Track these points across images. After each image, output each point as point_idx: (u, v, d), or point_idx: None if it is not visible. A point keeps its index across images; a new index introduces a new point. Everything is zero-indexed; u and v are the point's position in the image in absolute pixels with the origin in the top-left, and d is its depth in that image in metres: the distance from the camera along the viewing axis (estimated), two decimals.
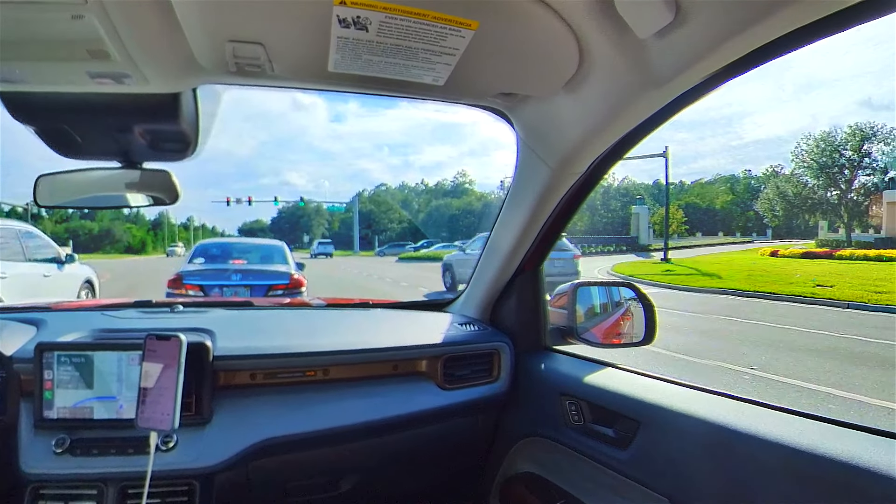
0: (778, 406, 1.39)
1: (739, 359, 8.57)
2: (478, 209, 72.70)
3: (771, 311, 13.95)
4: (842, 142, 40.21)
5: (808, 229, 47.17)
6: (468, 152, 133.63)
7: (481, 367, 2.08)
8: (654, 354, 8.38)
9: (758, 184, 66.27)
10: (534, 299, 2.15)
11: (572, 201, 1.86)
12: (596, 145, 1.59)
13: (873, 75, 61.38)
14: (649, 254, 39.15)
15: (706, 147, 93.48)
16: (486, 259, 2.19)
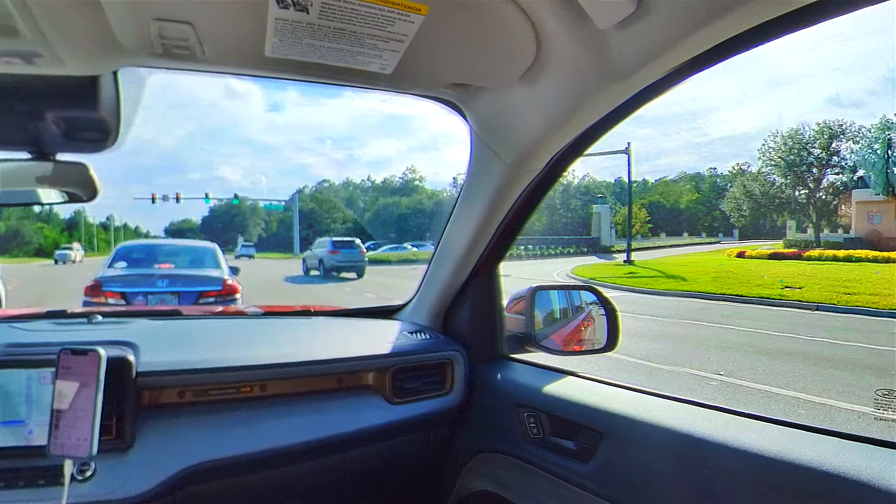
0: (747, 413, 1.43)
1: (706, 364, 8.80)
2: (428, 208, 72.66)
3: (738, 314, 14.36)
4: (810, 139, 41.63)
5: (775, 229, 48.66)
6: (418, 147, 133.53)
7: (433, 378, 2.08)
8: (617, 361, 8.53)
9: (724, 182, 67.97)
10: (489, 305, 2.16)
11: (530, 200, 1.87)
12: (554, 141, 1.60)
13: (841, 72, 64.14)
14: (611, 255, 39.75)
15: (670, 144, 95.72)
16: (437, 262, 2.19)
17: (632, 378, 7.85)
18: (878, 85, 62.70)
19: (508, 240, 2.03)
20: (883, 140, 36.89)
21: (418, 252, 40.14)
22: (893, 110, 59.19)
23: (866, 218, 34.95)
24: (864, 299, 15.68)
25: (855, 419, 6.46)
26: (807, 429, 1.31)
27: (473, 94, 1.63)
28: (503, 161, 1.74)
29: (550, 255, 40.19)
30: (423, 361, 2.06)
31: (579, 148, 1.64)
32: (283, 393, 1.86)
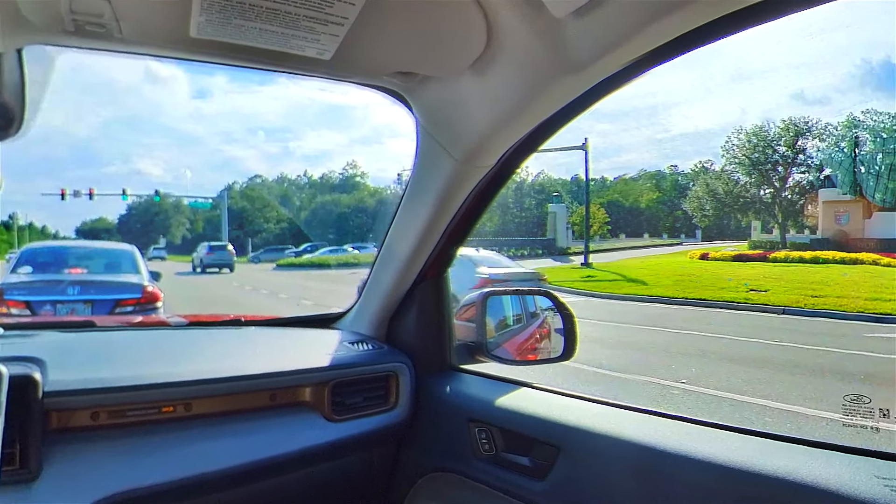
0: (711, 422, 1.46)
1: (668, 372, 8.99)
2: (371, 207, 72.22)
3: (702, 319, 14.72)
4: (775, 137, 42.86)
5: (740, 230, 49.90)
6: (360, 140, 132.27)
7: (376, 392, 2.07)
8: (574, 371, 8.64)
9: (686, 181, 69.20)
10: (437, 312, 2.16)
11: (480, 198, 1.88)
12: (507, 135, 1.62)
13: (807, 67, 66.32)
14: (568, 258, 40.18)
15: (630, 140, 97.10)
16: (380, 266, 2.18)
17: (590, 388, 7.96)
18: (844, 81, 65.06)
19: (458, 241, 2.04)
20: (850, 138, 38.29)
21: (360, 255, 39.89)
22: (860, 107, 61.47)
23: (833, 218, 36.22)
24: (831, 302, 16.27)
25: (823, 426, 6.69)
26: (774, 437, 1.35)
27: (420, 83, 1.63)
28: (452, 156, 1.74)
29: None
30: (365, 374, 2.05)
31: (533, 143, 1.66)
32: (211, 412, 1.81)
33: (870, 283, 19.41)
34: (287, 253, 49.28)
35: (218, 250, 36.01)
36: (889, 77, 58.44)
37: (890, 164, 35.65)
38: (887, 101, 72.30)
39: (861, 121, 39.30)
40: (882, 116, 39.24)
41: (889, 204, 35.98)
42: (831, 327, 13.50)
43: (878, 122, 38.90)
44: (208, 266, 34.75)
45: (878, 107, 46.71)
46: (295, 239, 66.00)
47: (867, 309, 15.34)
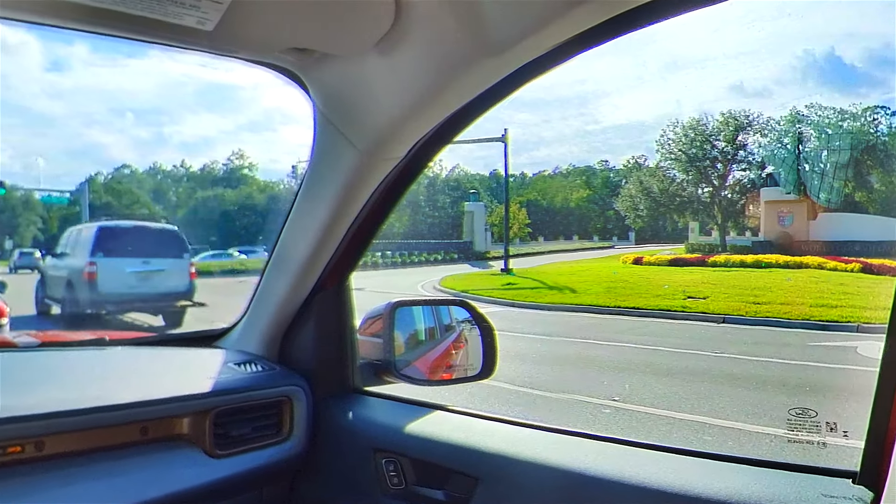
0: (646, 443, 1.51)
1: (599, 389, 9.20)
2: (261, 204, 70.99)
3: (636, 329, 15.12)
4: (713, 131, 44.40)
5: (676, 232, 51.47)
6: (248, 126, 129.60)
7: (267, 421, 2.04)
8: (495, 390, 8.73)
9: (618, 178, 70.76)
10: (338, 326, 2.16)
11: (388, 195, 1.89)
12: (418, 123, 1.63)
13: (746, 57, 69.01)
14: (487, 263, 40.57)
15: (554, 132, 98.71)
16: (271, 273, 2.16)
17: (512, 410, 8.07)
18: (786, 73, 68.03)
19: (362, 245, 2.04)
20: (793, 134, 40.12)
21: (247, 260, 39.14)
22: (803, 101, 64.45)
23: (776, 219, 37.87)
24: (774, 309, 17.00)
25: (767, 443, 6.99)
26: (715, 457, 1.40)
27: (318, 62, 1.62)
28: (355, 147, 1.74)
29: (413, 262, 40.51)
30: (254, 400, 2.01)
31: (448, 133, 1.67)
32: (68, 451, 1.72)
33: (815, 289, 20.34)
34: None
35: (26, 256, 36.02)
36: (834, 70, 61.57)
37: (835, 162, 37.57)
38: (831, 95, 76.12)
39: (805, 115, 41.21)
40: (827, 111, 41.34)
41: (835, 204, 37.88)
42: (775, 336, 14.12)
43: (823, 117, 40.96)
44: (19, 269, 34.83)
45: (822, 101, 48.96)
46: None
47: (813, 316, 16.08)
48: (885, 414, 1.22)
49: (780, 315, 16.32)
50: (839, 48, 62.23)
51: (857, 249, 31.21)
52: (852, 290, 19.82)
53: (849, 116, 40.69)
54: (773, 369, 10.56)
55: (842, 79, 59.66)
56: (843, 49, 66.89)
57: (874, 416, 1.24)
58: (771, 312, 16.71)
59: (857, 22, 54.49)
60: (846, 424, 5.99)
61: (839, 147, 37.70)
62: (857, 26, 53.11)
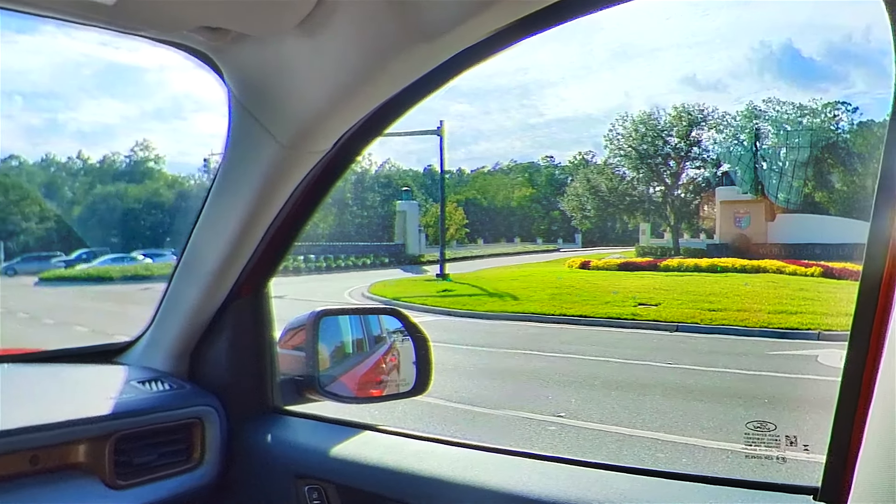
0: (594, 462, 1.52)
1: (544, 405, 9.29)
2: (169, 202, 69.93)
3: (583, 339, 15.31)
4: (666, 126, 45.27)
5: (626, 234, 52.28)
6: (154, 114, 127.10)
7: (175, 446, 2.00)
8: (429, 408, 8.75)
9: (563, 175, 71.41)
10: (256, 338, 2.13)
11: (312, 192, 1.88)
12: (346, 114, 1.62)
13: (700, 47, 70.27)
14: (421, 267, 40.61)
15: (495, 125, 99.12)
16: (181, 279, 2.12)
17: (450, 429, 8.09)
18: (741, 66, 69.66)
19: (283, 247, 2.02)
20: (750, 130, 41.11)
21: (154, 265, 38.55)
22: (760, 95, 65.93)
23: (732, 220, 38.72)
24: (731, 316, 17.39)
25: (723, 459, 7.14)
26: (668, 476, 1.42)
27: (233, 43, 1.60)
28: (275, 139, 1.72)
29: (340, 267, 40.31)
30: (161, 423, 1.97)
31: (378, 125, 1.67)
32: None
33: (773, 295, 20.86)
34: (55, 262, 46.74)
35: None
36: (792, 63, 63.30)
37: (794, 160, 38.61)
38: (789, 89, 78.25)
39: (762, 111, 42.33)
40: (785, 107, 42.49)
41: (794, 205, 38.93)
42: (731, 345, 14.45)
43: (782, 112, 42.08)
44: None
45: (780, 96, 50.24)
46: (65, 243, 62.70)
47: (771, 323, 16.50)
48: (847, 426, 1.25)
49: (736, 323, 16.71)
50: (797, 40, 64.06)
51: (818, 253, 32.06)
52: (812, 296, 20.38)
53: (808, 112, 41.88)
54: (729, 380, 10.81)
55: (800, 72, 61.42)
56: (802, 41, 68.89)
57: (836, 428, 1.27)
58: (727, 320, 17.10)
59: (815, 13, 56.23)
60: (807, 438, 6.16)
61: (798, 144, 38.73)
62: (816, 17, 54.87)
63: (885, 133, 1.22)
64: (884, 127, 1.26)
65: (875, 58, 51.77)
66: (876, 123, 41.68)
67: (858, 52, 54.67)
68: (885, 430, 1.18)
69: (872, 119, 43.19)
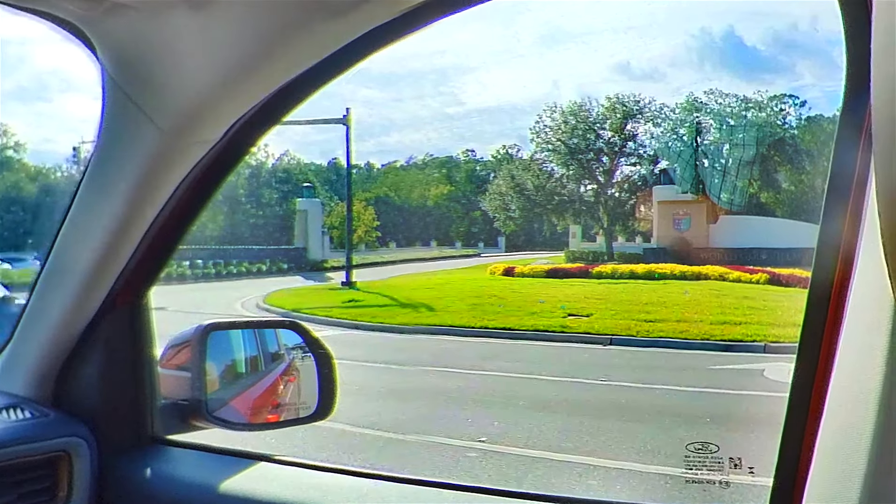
0: (520, 492, 1.54)
1: (463, 429, 9.33)
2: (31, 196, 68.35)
3: (507, 354, 15.44)
4: (598, 118, 45.97)
5: (555, 237, 52.95)
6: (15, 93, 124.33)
7: (37, 485, 1.94)
8: (334, 434, 8.71)
9: (485, 171, 71.85)
10: (133, 357, 2.09)
11: (199, 187, 1.85)
12: (239, 98, 1.61)
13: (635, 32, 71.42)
14: (325, 274, 40.49)
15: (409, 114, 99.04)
16: (44, 288, 2.06)
17: (356, 457, 8.07)
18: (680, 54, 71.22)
19: (165, 251, 1.99)
20: (690, 124, 42.02)
21: (12, 271, 37.59)
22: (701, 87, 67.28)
23: (671, 222, 39.48)
24: (669, 327, 17.75)
25: (662, 485, 7.27)
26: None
27: (108, 14, 1.56)
28: (156, 125, 1.70)
29: (232, 274, 39.94)
30: (20, 458, 1.91)
31: (276, 111, 1.66)
32: None
33: (716, 304, 21.36)
34: None
35: None
36: (735, 52, 64.93)
37: (739, 157, 39.53)
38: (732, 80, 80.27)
39: (704, 103, 43.33)
40: (729, 99, 43.53)
41: (738, 206, 39.86)
42: (670, 359, 14.75)
43: (724, 105, 43.11)
44: None
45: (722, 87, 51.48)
46: None
47: (713, 335, 16.90)
48: (795, 446, 1.28)
49: (676, 335, 17.08)
50: (740, 28, 65.79)
51: (764, 258, 32.96)
52: (758, 305, 20.91)
53: (753, 105, 43.02)
54: (668, 398, 11.03)
55: (743, 63, 63.07)
56: (745, 29, 70.71)
57: (783, 448, 1.30)
58: (665, 332, 17.45)
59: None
60: (752, 460, 6.31)
61: (743, 140, 39.67)
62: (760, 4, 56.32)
63: (836, 129, 1.26)
64: (834, 122, 1.29)
65: (823, 48, 53.47)
66: (825, 118, 43.04)
67: (805, 41, 56.39)
68: (837, 450, 1.21)
69: (822, 114, 44.63)
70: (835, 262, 1.24)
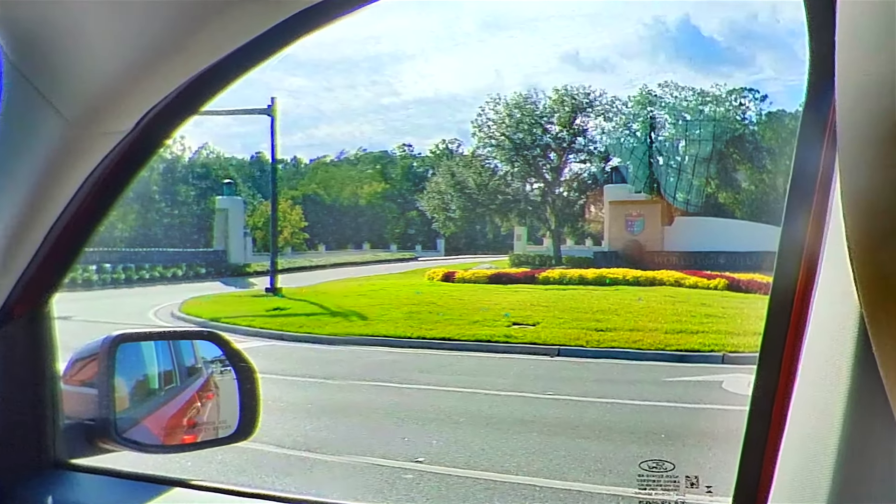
0: None
1: (399, 448, 9.32)
2: None
3: (446, 366, 15.47)
4: (545, 111, 46.21)
5: (498, 239, 53.21)
6: None
7: None
8: (256, 456, 8.65)
9: (423, 168, 71.97)
10: (33, 372, 2.05)
11: (108, 183, 1.83)
12: (152, 86, 1.59)
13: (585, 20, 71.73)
14: (247, 280, 40.26)
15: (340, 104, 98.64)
16: None
17: (281, 481, 8.02)
18: (632, 43, 71.81)
19: (70, 253, 1.95)
20: (644, 119, 42.42)
21: None
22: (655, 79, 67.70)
23: (623, 224, 39.82)
24: (622, 337, 17.89)
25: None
26: None
27: None
28: (61, 115, 1.67)
29: (144, 279, 39.59)
30: None
31: (193, 101, 1.65)
32: None
33: (672, 311, 21.58)
34: None
35: None
36: (691, 43, 65.71)
37: (695, 154, 39.99)
38: (687, 72, 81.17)
39: (658, 96, 43.78)
40: (685, 93, 44.01)
41: (695, 207, 40.31)
42: (623, 371, 14.87)
43: (680, 99, 43.59)
44: None
45: (678, 80, 52.00)
46: None
47: (669, 345, 17.07)
48: (756, 462, 1.30)
49: (628, 345, 17.21)
50: (696, 17, 66.60)
51: (722, 262, 33.39)
52: (716, 312, 21.18)
53: (711, 100, 43.57)
54: (620, 413, 11.12)
55: (700, 54, 63.91)
56: (701, 18, 71.62)
57: (743, 465, 1.31)
58: (617, 341, 17.57)
59: None
60: (710, 478, 6.38)
61: (700, 137, 40.11)
62: None
63: (798, 125, 1.27)
64: (796, 118, 1.31)
65: (784, 40, 54.32)
66: (788, 114, 43.73)
67: (765, 32, 57.25)
68: (799, 465, 1.22)
69: (784, 109, 45.35)
70: (797, 267, 1.26)
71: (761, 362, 1.31)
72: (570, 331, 18.71)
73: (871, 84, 0.54)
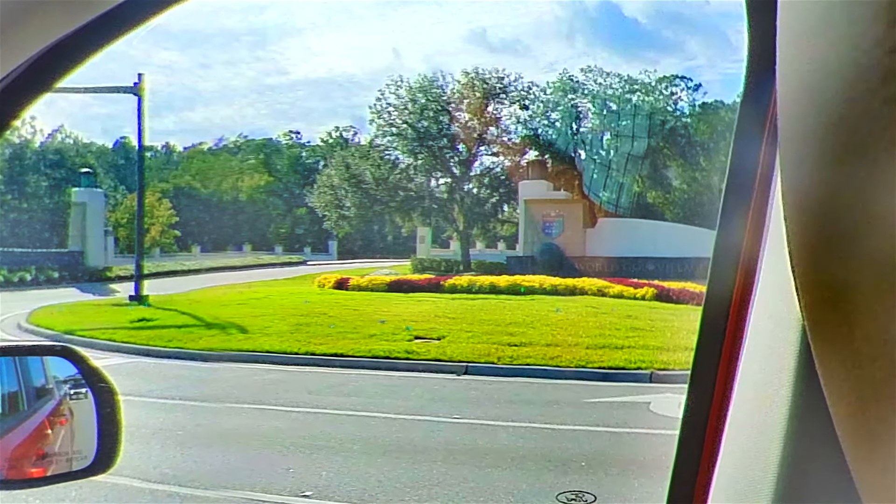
0: None
1: (282, 480, 9.29)
2: None
3: (338, 386, 15.44)
4: (454, 97, 46.25)
5: (399, 241, 53.25)
6: None
7: None
8: (117, 491, 8.54)
9: (314, 158, 71.63)
10: None
11: None
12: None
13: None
14: (108, 286, 39.73)
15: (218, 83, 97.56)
16: None
17: None
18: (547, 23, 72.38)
19: None
20: (565, 107, 42.76)
21: None
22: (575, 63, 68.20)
23: (540, 226, 40.05)
24: (538, 353, 18.01)
25: None
26: None
27: None
28: None
29: None
30: None
31: (44, 77, 1.61)
32: None
33: (594, 323, 21.83)
34: None
35: None
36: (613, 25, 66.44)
37: (623, 148, 40.41)
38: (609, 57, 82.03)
39: (581, 83, 44.20)
40: (611, 79, 44.46)
41: (621, 208, 40.74)
42: (539, 391, 14.99)
43: (606, 86, 44.04)
44: None
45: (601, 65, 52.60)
46: None
47: (591, 362, 17.24)
48: (687, 491, 1.31)
49: (546, 361, 17.34)
50: None
51: (651, 269, 33.84)
52: (644, 325, 21.47)
53: (640, 87, 44.09)
54: (536, 438, 11.19)
55: (622, 37, 64.63)
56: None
57: (673, 494, 1.33)
58: (533, 358, 17.69)
59: None
60: None
61: (627, 129, 40.47)
62: None
63: (735, 118, 1.29)
64: (733, 110, 1.33)
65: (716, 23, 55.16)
66: (724, 106, 44.35)
67: (693, 14, 58.05)
68: (737, 492, 1.24)
69: (720, 100, 45.99)
70: (734, 274, 1.27)
71: (693, 380, 1.32)
72: (480, 346, 18.80)
73: (815, 72, 0.55)
